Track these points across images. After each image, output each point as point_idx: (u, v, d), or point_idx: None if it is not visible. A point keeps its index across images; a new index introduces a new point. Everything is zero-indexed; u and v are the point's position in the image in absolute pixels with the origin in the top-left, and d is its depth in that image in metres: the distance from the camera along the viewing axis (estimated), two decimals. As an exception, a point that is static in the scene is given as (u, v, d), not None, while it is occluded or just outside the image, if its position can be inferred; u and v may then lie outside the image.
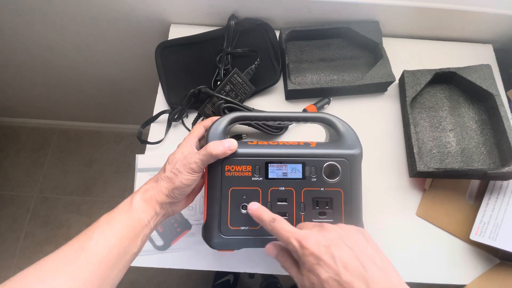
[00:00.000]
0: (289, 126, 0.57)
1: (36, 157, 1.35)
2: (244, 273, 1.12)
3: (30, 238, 1.23)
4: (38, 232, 1.24)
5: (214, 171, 0.38)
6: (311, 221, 0.38)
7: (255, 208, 0.36)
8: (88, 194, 1.29)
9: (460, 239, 0.51)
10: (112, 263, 0.31)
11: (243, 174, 0.38)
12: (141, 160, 0.55)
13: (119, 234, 0.33)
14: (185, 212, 0.52)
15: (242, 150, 0.38)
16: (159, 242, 0.51)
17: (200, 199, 0.53)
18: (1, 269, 1.18)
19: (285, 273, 0.49)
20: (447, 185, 0.53)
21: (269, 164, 0.38)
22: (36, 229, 1.24)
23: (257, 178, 0.38)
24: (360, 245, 0.30)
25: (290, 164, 0.38)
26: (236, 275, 1.11)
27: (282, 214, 0.37)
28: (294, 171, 0.38)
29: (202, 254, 0.50)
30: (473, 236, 0.48)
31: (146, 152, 0.56)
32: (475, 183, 0.53)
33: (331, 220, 0.38)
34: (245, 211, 0.37)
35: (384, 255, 0.31)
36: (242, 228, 0.37)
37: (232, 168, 0.38)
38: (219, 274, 1.11)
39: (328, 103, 0.58)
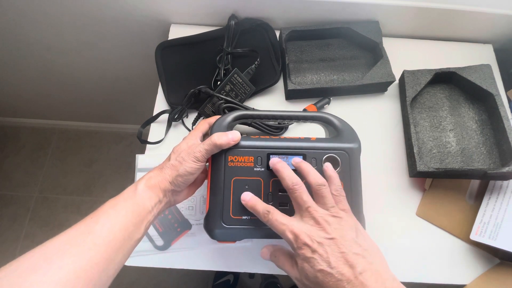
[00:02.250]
0: (289, 126, 0.57)
1: (36, 157, 1.35)
2: (244, 273, 1.12)
3: (30, 238, 1.23)
4: (38, 232, 1.24)
5: (217, 161, 0.39)
6: None
7: (249, 199, 0.36)
8: (88, 194, 1.29)
9: (460, 239, 0.51)
10: (117, 247, 0.32)
11: (246, 164, 0.39)
12: (141, 160, 0.55)
13: (124, 219, 0.34)
14: (185, 212, 0.52)
15: (245, 142, 0.39)
16: (159, 242, 0.51)
17: (200, 200, 0.53)
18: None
19: (285, 273, 0.49)
20: (447, 185, 0.53)
21: (271, 156, 0.39)
22: (36, 229, 1.24)
23: (259, 169, 0.39)
24: (351, 245, 0.31)
25: (291, 155, 0.39)
26: (236, 275, 1.11)
27: (284, 204, 0.38)
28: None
29: (202, 254, 0.50)
30: (473, 236, 0.48)
31: (146, 152, 0.56)
32: (475, 183, 0.53)
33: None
34: None
35: (375, 248, 0.32)
36: (244, 217, 0.38)
37: (235, 158, 0.39)
38: (219, 274, 1.11)
39: (328, 103, 0.58)
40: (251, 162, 0.39)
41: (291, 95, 0.59)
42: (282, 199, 0.38)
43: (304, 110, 0.57)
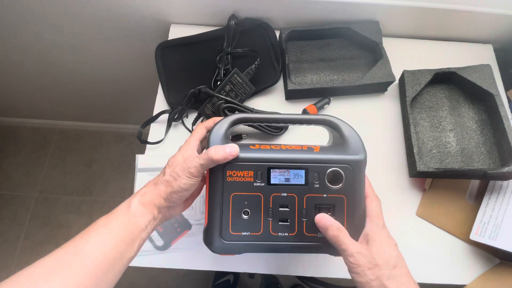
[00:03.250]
0: (290, 126, 0.57)
1: (36, 157, 1.35)
2: (244, 273, 1.12)
3: (30, 238, 1.23)
4: (38, 232, 1.23)
5: (215, 176, 0.37)
6: (312, 227, 0.37)
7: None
8: (88, 194, 1.29)
9: (460, 239, 0.51)
10: (107, 268, 0.31)
11: (245, 179, 0.37)
12: (141, 160, 0.55)
13: (116, 238, 0.33)
14: (185, 212, 0.52)
15: (244, 155, 0.37)
16: (159, 242, 0.50)
17: (200, 200, 0.53)
18: (1, 269, 1.18)
19: (285, 273, 0.49)
20: (447, 185, 0.53)
21: (271, 170, 0.37)
22: (36, 229, 1.24)
23: (259, 184, 0.37)
24: None
25: (292, 169, 0.37)
26: (236, 275, 1.11)
27: (284, 220, 0.37)
28: (297, 177, 0.37)
29: (202, 254, 0.50)
30: (473, 236, 0.48)
31: (146, 152, 0.56)
32: (475, 183, 0.53)
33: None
34: (247, 216, 0.37)
35: None
36: (243, 233, 0.37)
37: (234, 173, 0.37)
38: (219, 274, 1.11)
39: (328, 103, 0.58)
40: (250, 177, 0.37)
41: (291, 95, 0.59)
42: (283, 216, 0.37)
43: (304, 110, 0.57)
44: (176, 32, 0.64)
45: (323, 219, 0.36)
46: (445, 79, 0.58)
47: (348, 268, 0.34)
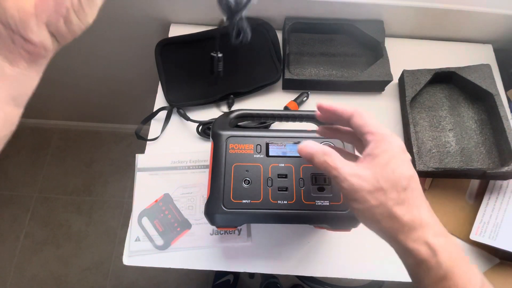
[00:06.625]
0: (284, 125, 0.57)
1: (36, 157, 1.35)
2: (244, 273, 1.12)
3: (30, 238, 1.23)
4: (38, 232, 1.23)
5: (219, 148, 0.41)
6: (310, 196, 0.39)
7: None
8: (88, 194, 1.29)
9: (460, 239, 0.51)
10: None
11: (246, 151, 0.41)
12: (141, 160, 0.55)
13: None
14: (185, 212, 0.52)
15: (245, 133, 0.42)
16: (159, 241, 0.51)
17: (200, 199, 0.53)
18: (1, 269, 1.18)
19: (285, 273, 0.49)
20: (447, 185, 0.53)
21: (269, 144, 0.41)
22: (36, 229, 1.24)
23: (258, 156, 0.41)
24: None
25: (289, 144, 0.41)
26: (236, 275, 1.11)
27: (283, 189, 0.39)
28: (293, 150, 0.41)
29: (202, 254, 0.50)
30: (473, 236, 0.48)
31: (146, 151, 0.56)
32: (475, 183, 0.53)
33: (330, 195, 0.39)
34: (247, 185, 0.39)
35: None
36: (244, 201, 0.39)
37: (236, 146, 0.41)
38: (219, 274, 1.11)
39: (307, 97, 0.59)
40: (251, 149, 0.41)
41: (287, 85, 0.59)
42: (282, 184, 0.39)
43: (286, 107, 0.58)
44: (176, 32, 0.64)
45: (307, 146, 0.29)
46: (445, 79, 0.58)
47: (344, 197, 0.29)
